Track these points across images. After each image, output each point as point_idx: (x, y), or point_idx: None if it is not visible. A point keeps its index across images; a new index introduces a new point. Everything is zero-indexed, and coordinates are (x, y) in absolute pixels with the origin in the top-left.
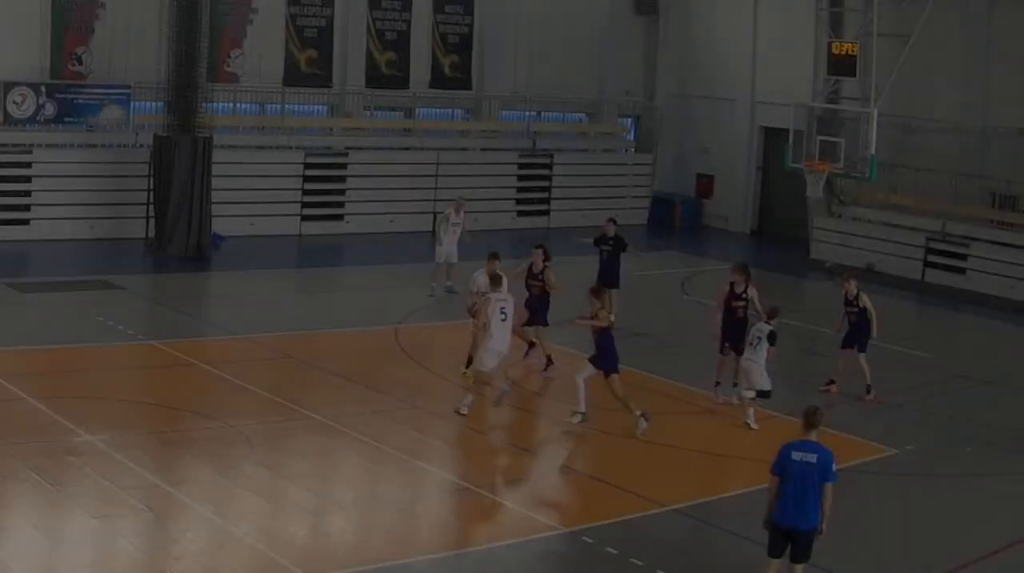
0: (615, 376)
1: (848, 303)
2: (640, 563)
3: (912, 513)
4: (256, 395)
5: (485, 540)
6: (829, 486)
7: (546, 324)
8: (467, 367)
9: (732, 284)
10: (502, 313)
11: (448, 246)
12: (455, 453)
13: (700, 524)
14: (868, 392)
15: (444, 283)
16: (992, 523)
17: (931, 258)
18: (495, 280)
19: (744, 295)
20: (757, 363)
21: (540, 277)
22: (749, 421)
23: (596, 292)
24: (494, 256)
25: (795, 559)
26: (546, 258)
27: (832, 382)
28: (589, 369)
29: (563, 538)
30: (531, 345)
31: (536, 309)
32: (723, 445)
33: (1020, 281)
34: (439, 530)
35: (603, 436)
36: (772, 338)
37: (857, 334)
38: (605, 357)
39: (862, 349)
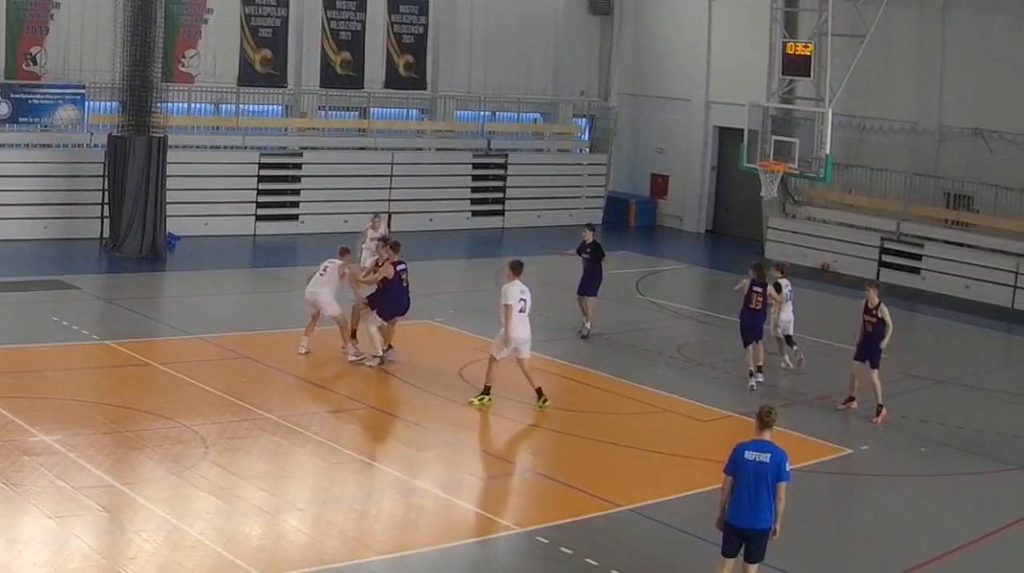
0: (378, 320)
1: (867, 311)
2: (595, 563)
3: (867, 513)
4: (211, 395)
5: (439, 540)
6: (783, 486)
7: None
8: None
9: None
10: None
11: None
12: (409, 453)
13: (655, 524)
14: (878, 413)
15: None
16: (947, 523)
17: (886, 258)
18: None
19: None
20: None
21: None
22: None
23: (392, 246)
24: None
25: (749, 559)
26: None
27: (851, 399)
28: (376, 319)
29: (518, 538)
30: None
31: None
32: (678, 445)
33: (974, 281)
34: (393, 530)
35: (558, 436)
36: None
37: (870, 346)
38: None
39: (875, 365)
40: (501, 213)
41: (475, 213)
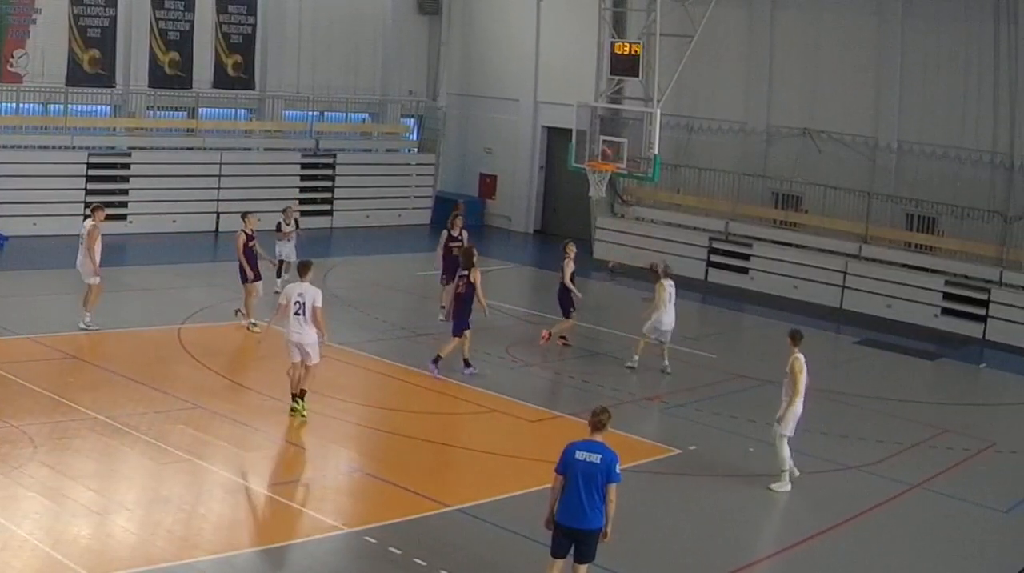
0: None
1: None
2: (423, 563)
3: (696, 513)
4: (39, 395)
5: (268, 540)
6: (613, 487)
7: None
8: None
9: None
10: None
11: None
12: (237, 453)
13: (484, 524)
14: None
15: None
16: (774, 523)
17: (714, 258)
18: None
19: (459, 237)
20: None
21: None
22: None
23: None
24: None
25: (579, 559)
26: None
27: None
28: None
29: (346, 538)
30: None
31: None
32: (507, 445)
33: (803, 281)
34: (222, 530)
35: (387, 436)
36: None
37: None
38: None
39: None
40: (330, 213)
41: (304, 213)
